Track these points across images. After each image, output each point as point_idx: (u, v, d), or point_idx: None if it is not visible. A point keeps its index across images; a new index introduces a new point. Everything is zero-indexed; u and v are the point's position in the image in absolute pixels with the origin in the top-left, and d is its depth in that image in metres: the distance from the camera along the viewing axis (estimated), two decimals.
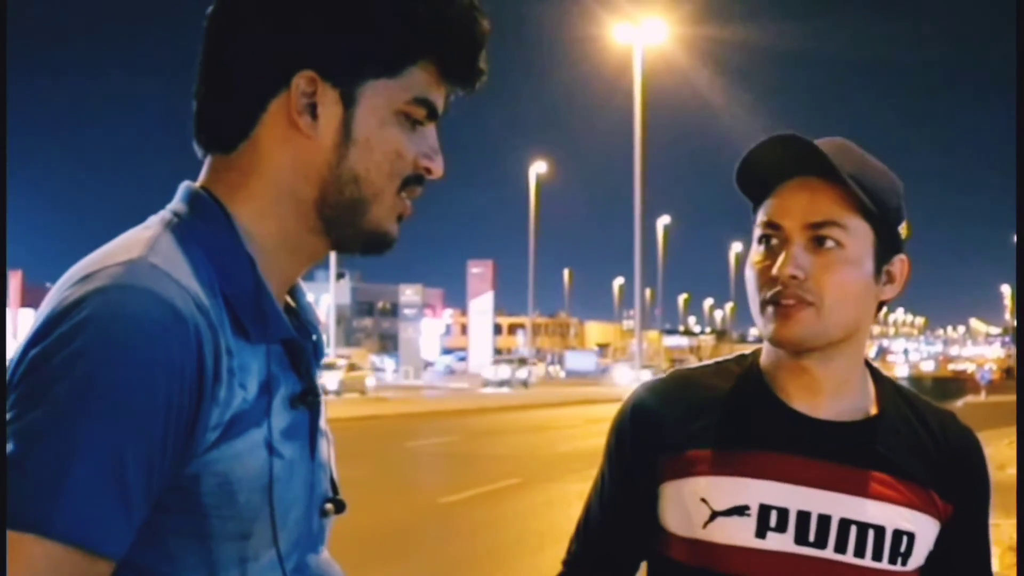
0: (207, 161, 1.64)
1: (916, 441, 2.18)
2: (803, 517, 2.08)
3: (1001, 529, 13.96)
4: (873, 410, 2.19)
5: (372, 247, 1.67)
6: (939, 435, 2.20)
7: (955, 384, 65.09)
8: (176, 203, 1.60)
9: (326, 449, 1.67)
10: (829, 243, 2.06)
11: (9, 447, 1.35)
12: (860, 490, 2.10)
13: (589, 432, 33.44)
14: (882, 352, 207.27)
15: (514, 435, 32.52)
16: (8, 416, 1.38)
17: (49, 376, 1.37)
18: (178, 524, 1.46)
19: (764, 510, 2.08)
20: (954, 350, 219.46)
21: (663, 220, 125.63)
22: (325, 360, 1.78)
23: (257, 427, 1.50)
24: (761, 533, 2.08)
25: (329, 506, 1.66)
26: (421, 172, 1.64)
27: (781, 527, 2.08)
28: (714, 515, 2.09)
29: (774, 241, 2.09)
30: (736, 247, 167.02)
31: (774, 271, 2.05)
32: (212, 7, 1.61)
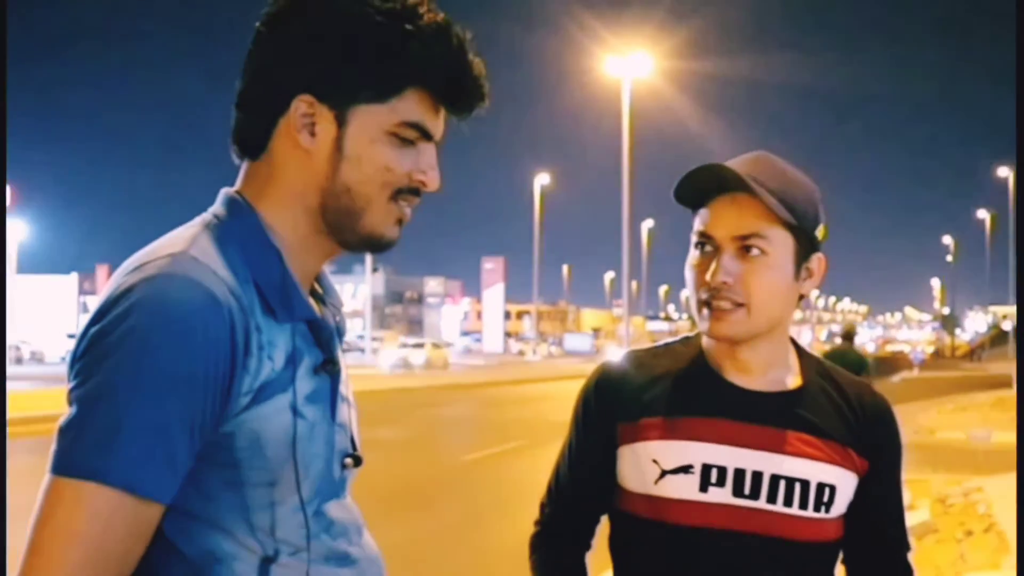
0: (242, 166, 1.67)
1: (835, 406, 2.23)
2: (739, 473, 2.13)
3: (929, 484, 14.06)
4: (798, 382, 2.24)
5: (371, 247, 1.69)
6: (855, 401, 2.25)
7: (893, 362, 65.49)
8: (216, 207, 1.64)
9: (347, 412, 1.68)
10: (754, 251, 2.10)
11: (72, 409, 1.43)
12: (787, 449, 2.15)
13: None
14: (831, 336, 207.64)
15: (521, 404, 32.59)
16: (72, 383, 1.45)
17: (105, 350, 1.43)
18: (217, 474, 1.50)
19: (706, 468, 2.13)
20: (892, 334, 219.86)
21: (647, 224, 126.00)
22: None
23: (283, 393, 1.53)
24: (704, 488, 2.12)
25: (348, 460, 1.67)
26: (416, 185, 1.66)
27: (720, 482, 2.13)
28: (663, 473, 2.14)
29: (707, 248, 2.14)
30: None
31: (707, 277, 2.10)
32: (254, 35, 1.65)
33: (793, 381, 2.23)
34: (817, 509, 2.14)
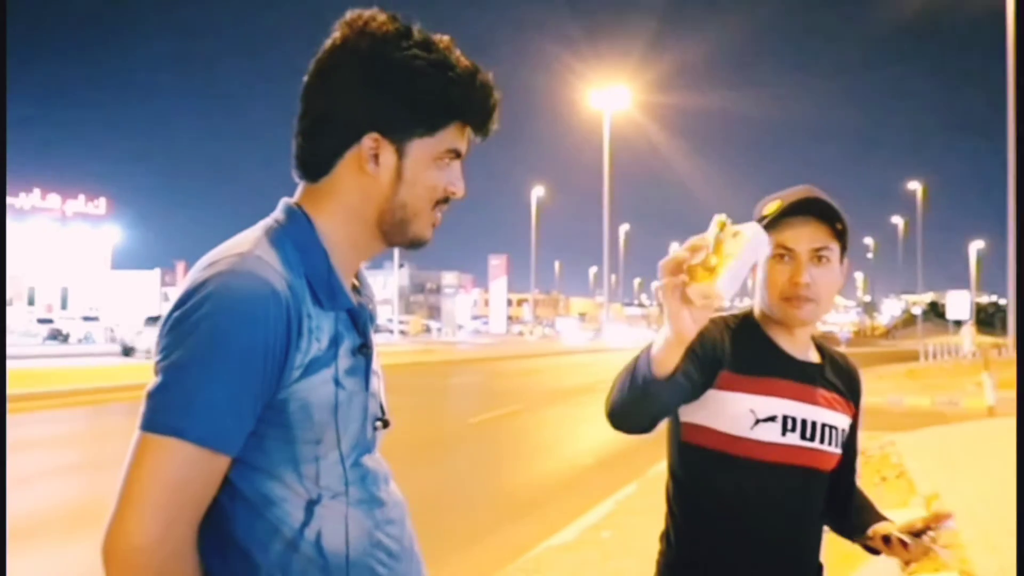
0: (300, 185, 1.69)
1: (839, 370, 2.49)
2: (803, 422, 2.33)
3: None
4: (819, 355, 2.47)
5: (414, 247, 1.71)
6: (844, 366, 2.53)
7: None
8: (277, 213, 1.66)
9: (377, 384, 1.70)
10: (824, 260, 2.32)
11: (159, 378, 1.46)
12: (828, 404, 2.39)
13: (570, 375, 33.54)
14: None
15: (519, 376, 32.54)
16: (158, 357, 1.48)
17: (186, 330, 1.46)
18: (273, 432, 1.53)
19: (784, 419, 2.31)
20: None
21: (624, 227, 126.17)
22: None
23: (327, 368, 1.56)
24: (783, 433, 2.30)
25: (379, 423, 1.69)
26: (449, 195, 1.70)
27: (793, 429, 2.32)
28: (757, 421, 2.28)
29: (787, 258, 2.32)
30: (674, 245, 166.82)
31: (795, 280, 2.30)
32: (307, 76, 1.65)
33: (816, 354, 2.46)
34: (837, 447, 2.40)
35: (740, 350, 2.33)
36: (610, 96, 68.28)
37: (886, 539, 2.34)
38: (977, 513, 7.67)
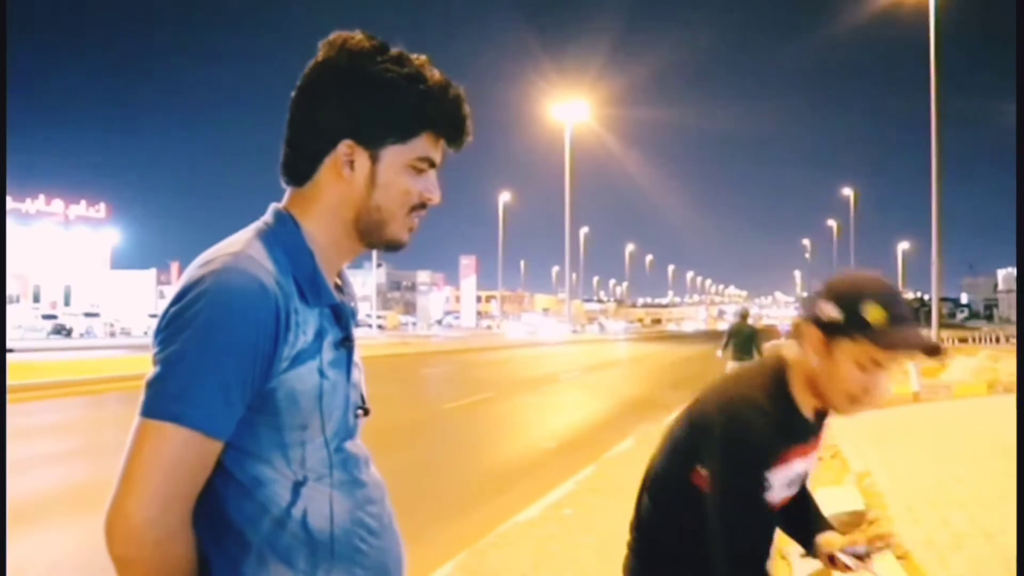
0: (288, 190, 1.68)
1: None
2: (799, 475, 2.32)
3: None
4: (810, 411, 2.30)
5: (390, 249, 1.71)
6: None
7: (768, 333, 65.80)
8: (267, 216, 1.65)
9: (358, 375, 1.69)
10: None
11: (157, 368, 1.46)
12: (815, 449, 2.36)
13: (535, 365, 33.62)
14: (721, 313, 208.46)
15: (489, 366, 32.61)
16: (156, 349, 1.48)
17: (182, 324, 1.46)
18: (262, 418, 1.52)
19: (788, 480, 2.28)
20: (766, 311, 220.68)
21: (584, 230, 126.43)
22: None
23: (313, 359, 1.55)
24: (788, 487, 2.30)
25: (360, 411, 1.69)
26: (425, 201, 1.69)
27: (793, 484, 2.31)
28: (774, 487, 2.21)
29: (873, 368, 2.13)
30: (629, 247, 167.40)
31: (881, 392, 2.18)
32: (294, 91, 1.66)
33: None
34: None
35: (778, 437, 2.19)
36: (571, 109, 68.79)
37: (831, 558, 2.33)
38: (904, 489, 7.75)
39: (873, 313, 2.09)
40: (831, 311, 2.14)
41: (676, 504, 2.32)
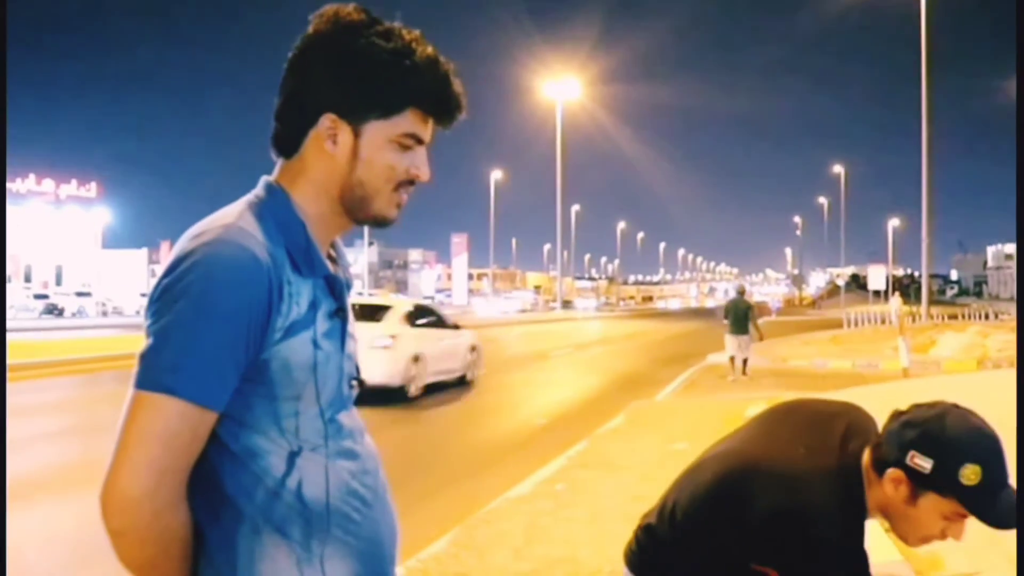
0: (278, 162, 1.68)
1: None
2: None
3: (781, 399, 14.26)
4: None
5: (377, 225, 1.70)
6: None
7: (759, 309, 66.27)
8: (258, 189, 1.65)
9: (352, 346, 1.70)
10: None
11: (150, 340, 1.46)
12: None
13: (525, 343, 33.61)
14: (712, 290, 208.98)
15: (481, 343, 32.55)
16: (149, 321, 1.48)
17: (175, 296, 1.46)
18: (256, 388, 1.52)
19: None
20: (756, 288, 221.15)
21: (575, 207, 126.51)
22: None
23: (306, 330, 1.55)
24: None
25: (354, 382, 1.70)
26: (412, 178, 1.67)
27: None
28: None
29: (956, 520, 2.05)
30: (620, 225, 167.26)
31: (958, 539, 2.08)
32: (285, 63, 1.65)
33: None
34: None
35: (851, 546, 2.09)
36: (562, 86, 68.61)
37: None
38: None
39: (969, 475, 1.95)
40: (925, 464, 1.99)
41: (710, 564, 2.19)
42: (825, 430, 2.19)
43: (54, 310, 56.77)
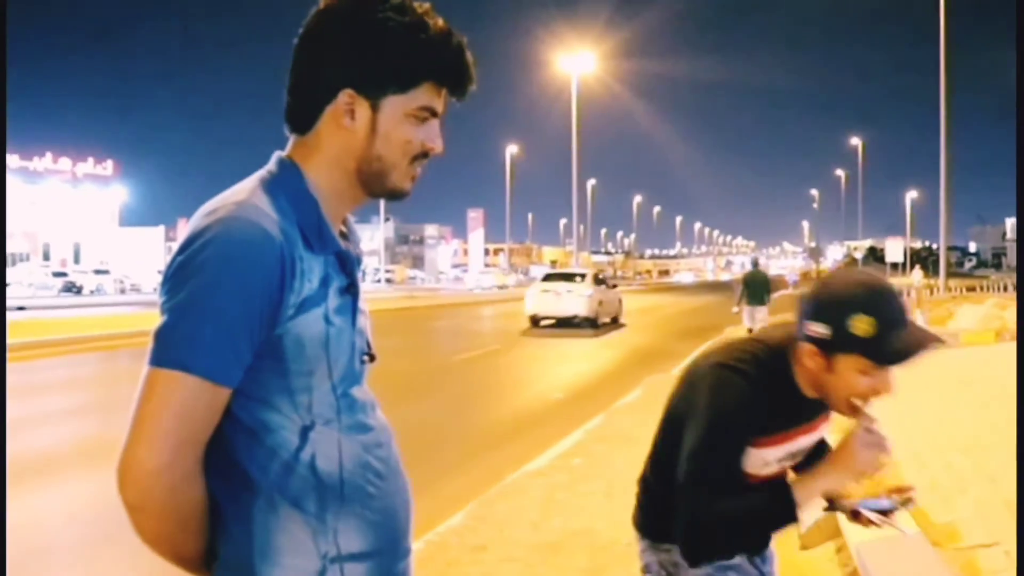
0: (291, 138, 1.68)
1: None
2: (802, 449, 2.35)
3: None
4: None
5: (392, 198, 1.70)
6: None
7: (776, 283, 66.00)
8: (270, 165, 1.65)
9: (363, 321, 1.70)
10: None
11: (165, 317, 1.47)
12: (820, 427, 2.38)
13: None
14: (728, 263, 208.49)
15: (496, 319, 32.65)
16: (164, 298, 1.48)
17: (189, 273, 1.46)
18: (269, 365, 1.53)
19: (788, 455, 2.32)
20: (773, 262, 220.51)
21: (591, 182, 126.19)
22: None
23: (318, 306, 1.55)
24: (782, 460, 2.31)
25: (366, 357, 1.69)
26: (427, 151, 1.68)
27: (795, 456, 2.34)
28: (766, 464, 2.27)
29: (877, 373, 2.12)
30: (637, 199, 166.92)
31: (888, 392, 2.17)
32: (296, 39, 1.65)
33: None
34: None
35: (774, 415, 2.21)
36: (578, 60, 68.33)
37: (855, 513, 2.30)
38: (910, 435, 7.79)
39: (861, 326, 2.06)
40: (820, 329, 2.11)
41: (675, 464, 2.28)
42: (771, 335, 2.36)
43: (73, 288, 56.95)
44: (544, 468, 7.89)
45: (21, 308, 33.51)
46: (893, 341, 2.06)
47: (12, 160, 70.02)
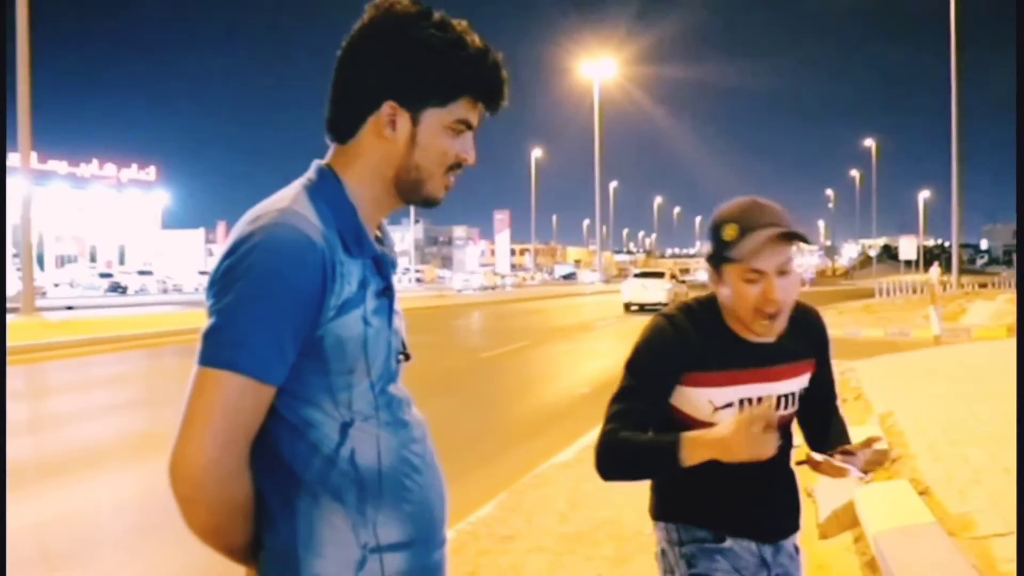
0: (331, 147, 1.69)
1: (799, 331, 2.34)
2: (760, 399, 2.27)
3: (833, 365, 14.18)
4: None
5: (426, 205, 1.72)
6: (802, 321, 2.37)
7: None
8: (310, 172, 1.66)
9: (399, 322, 1.71)
10: (787, 271, 2.20)
11: (213, 319, 1.49)
12: (785, 375, 2.32)
13: (567, 314, 33.63)
14: None
15: (524, 316, 32.65)
16: (211, 301, 1.51)
17: (236, 276, 1.48)
18: (311, 364, 1.54)
19: (741, 401, 2.26)
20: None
21: (613, 184, 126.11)
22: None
23: (357, 308, 1.57)
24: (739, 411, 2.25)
25: (401, 356, 1.70)
26: (461, 162, 1.70)
27: (748, 406, 2.25)
28: (715, 409, 2.25)
29: (754, 277, 2.18)
30: (657, 200, 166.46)
31: (770, 297, 2.17)
32: (340, 51, 1.66)
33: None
34: (793, 405, 2.36)
35: (703, 351, 2.25)
36: (600, 66, 68.29)
37: (815, 463, 2.25)
38: (926, 428, 7.72)
39: (729, 233, 2.19)
40: (706, 248, 2.27)
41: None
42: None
43: (118, 288, 57.50)
44: (571, 460, 7.87)
45: (69, 307, 33.89)
46: (747, 239, 2.17)
47: (61, 166, 70.97)
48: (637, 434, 2.19)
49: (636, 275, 36.37)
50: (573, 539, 5.68)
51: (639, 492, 2.58)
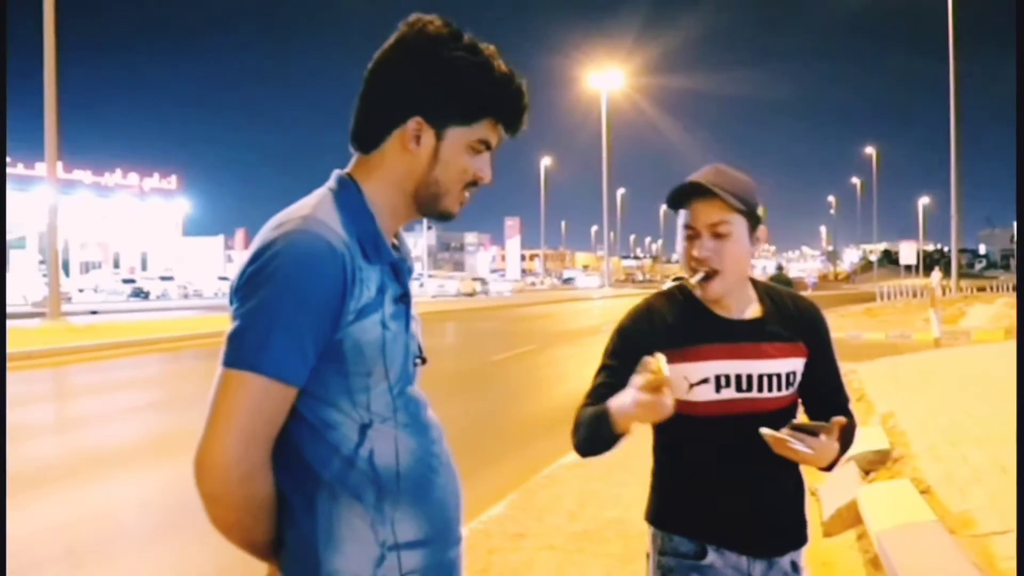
0: (354, 156, 1.71)
1: (785, 316, 2.33)
2: (739, 377, 2.23)
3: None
4: (759, 309, 2.32)
5: (441, 219, 1.74)
6: (792, 306, 2.36)
7: (797, 284, 65.49)
8: (331, 182, 1.68)
9: (415, 327, 1.72)
10: (724, 234, 2.20)
11: (237, 323, 1.50)
12: (768, 354, 2.26)
13: (575, 318, 33.59)
14: (752, 267, 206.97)
15: (532, 320, 32.64)
16: (235, 305, 1.52)
17: (259, 282, 1.50)
18: (331, 366, 1.55)
19: (717, 378, 2.22)
20: (792, 265, 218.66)
21: (621, 191, 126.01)
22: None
23: (376, 312, 1.58)
24: (717, 390, 2.22)
25: (418, 360, 1.72)
26: (477, 180, 1.72)
27: (727, 385, 2.23)
28: (691, 386, 2.22)
29: (691, 235, 2.23)
30: (663, 206, 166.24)
31: (694, 253, 2.22)
32: (370, 64, 1.68)
33: (757, 309, 2.31)
34: (786, 389, 2.27)
35: (673, 328, 2.26)
36: (607, 77, 68.38)
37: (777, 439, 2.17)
38: (926, 429, 7.70)
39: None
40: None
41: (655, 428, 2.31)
42: None
43: (140, 293, 57.71)
44: (580, 461, 7.86)
45: (94, 312, 34.03)
46: (678, 188, 2.26)
47: (86, 176, 71.12)
48: (594, 407, 2.22)
49: (673, 279, 34.89)
50: (582, 537, 5.68)
51: (646, 491, 2.58)
